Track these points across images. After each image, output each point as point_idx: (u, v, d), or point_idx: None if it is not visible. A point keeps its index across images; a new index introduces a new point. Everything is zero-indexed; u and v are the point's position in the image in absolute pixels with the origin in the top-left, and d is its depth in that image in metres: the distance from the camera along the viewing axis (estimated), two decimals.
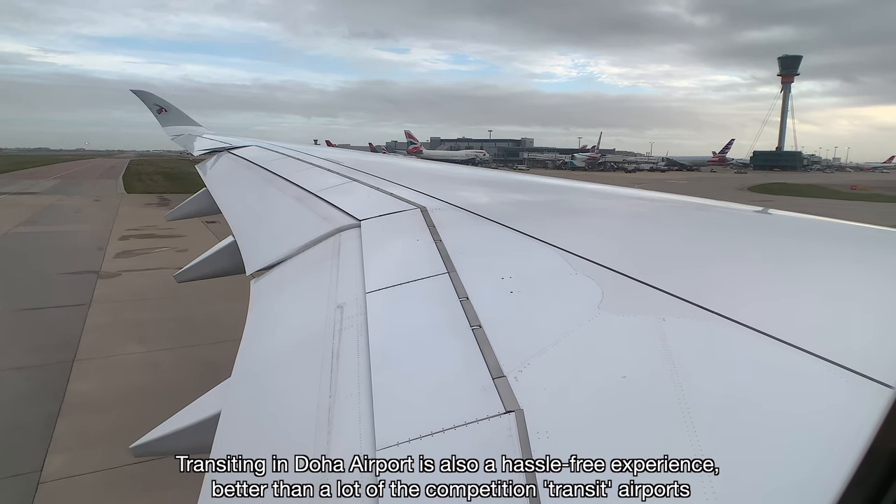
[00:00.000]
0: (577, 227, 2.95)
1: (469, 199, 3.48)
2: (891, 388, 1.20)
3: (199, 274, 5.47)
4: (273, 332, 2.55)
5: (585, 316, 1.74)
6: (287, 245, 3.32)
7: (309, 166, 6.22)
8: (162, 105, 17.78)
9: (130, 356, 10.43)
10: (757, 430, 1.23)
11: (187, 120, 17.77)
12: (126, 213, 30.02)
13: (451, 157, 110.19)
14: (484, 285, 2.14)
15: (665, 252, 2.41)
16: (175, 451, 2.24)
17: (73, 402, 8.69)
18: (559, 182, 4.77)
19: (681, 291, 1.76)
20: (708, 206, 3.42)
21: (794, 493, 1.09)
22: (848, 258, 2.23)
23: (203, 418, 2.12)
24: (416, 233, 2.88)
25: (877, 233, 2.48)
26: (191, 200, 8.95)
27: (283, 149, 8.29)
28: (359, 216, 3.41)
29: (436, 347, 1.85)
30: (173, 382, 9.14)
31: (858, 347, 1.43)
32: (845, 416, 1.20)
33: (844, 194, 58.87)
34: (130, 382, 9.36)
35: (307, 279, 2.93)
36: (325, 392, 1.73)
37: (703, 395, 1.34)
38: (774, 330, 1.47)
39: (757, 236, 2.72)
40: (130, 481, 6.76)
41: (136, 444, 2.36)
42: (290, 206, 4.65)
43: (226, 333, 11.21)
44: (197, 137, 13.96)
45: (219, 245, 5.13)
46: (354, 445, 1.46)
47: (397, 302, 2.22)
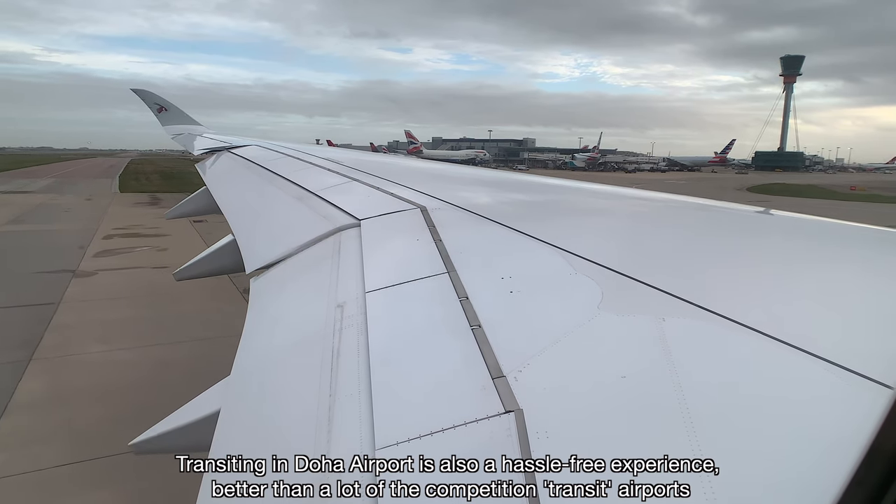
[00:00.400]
0: (578, 227, 2.95)
1: (469, 199, 3.48)
2: (891, 389, 1.20)
3: (198, 272, 5.46)
4: (272, 331, 2.55)
5: (585, 316, 1.74)
6: (286, 244, 3.31)
7: (309, 166, 6.22)
8: (162, 104, 17.77)
9: (88, 356, 10.32)
10: (757, 430, 1.23)
11: (187, 119, 17.76)
12: (115, 213, 29.89)
13: (450, 156, 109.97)
14: (484, 285, 2.14)
15: (665, 252, 2.41)
16: (174, 449, 2.24)
17: (20, 402, 8.58)
18: (559, 182, 4.78)
19: (681, 291, 1.76)
20: (708, 206, 3.43)
21: (794, 492, 1.09)
22: (847, 258, 2.23)
23: (203, 416, 2.12)
24: (416, 232, 2.88)
25: (876, 233, 2.48)
26: (190, 199, 8.96)
27: (283, 148, 8.29)
28: (359, 216, 3.41)
29: (435, 347, 1.85)
30: (124, 383, 9.06)
31: (858, 348, 1.43)
32: (845, 416, 1.20)
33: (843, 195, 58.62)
34: (82, 382, 9.25)
35: (307, 278, 2.93)
36: (325, 391, 1.73)
37: (702, 395, 1.34)
38: (774, 330, 1.47)
39: (756, 236, 2.72)
40: (64, 482, 6.69)
41: (134, 442, 2.35)
42: (289, 205, 4.65)
43: (189, 333, 11.23)
44: (197, 137, 13.96)
45: (218, 243, 5.12)
46: (354, 445, 1.46)
47: (397, 301, 2.22)
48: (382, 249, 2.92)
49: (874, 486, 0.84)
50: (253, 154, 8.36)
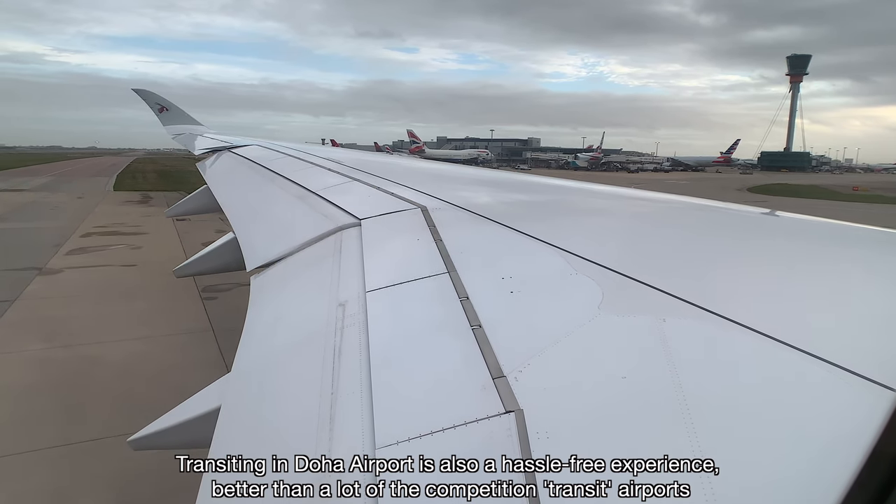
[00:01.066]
0: (578, 228, 2.95)
1: (469, 199, 3.48)
2: (894, 391, 1.19)
3: (198, 270, 5.49)
4: (272, 330, 2.55)
5: (586, 316, 1.73)
6: (287, 243, 3.32)
7: (309, 165, 6.23)
8: (163, 104, 17.80)
9: (24, 353, 10.23)
10: (758, 431, 1.23)
11: (188, 119, 17.79)
12: (102, 211, 29.64)
13: (453, 156, 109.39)
14: (484, 285, 2.14)
15: (665, 252, 2.40)
16: (173, 445, 2.24)
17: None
18: (560, 182, 4.78)
19: (681, 292, 1.76)
20: (708, 206, 3.42)
21: (795, 494, 1.08)
22: (849, 259, 2.22)
23: (202, 413, 2.12)
24: (416, 232, 2.88)
25: (878, 234, 2.47)
26: (191, 198, 9.00)
27: (284, 148, 8.31)
28: (359, 215, 3.42)
29: (436, 347, 1.84)
30: (43, 381, 8.95)
31: (860, 350, 1.42)
32: (847, 419, 1.19)
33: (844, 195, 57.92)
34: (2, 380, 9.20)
35: (307, 277, 2.93)
36: (326, 390, 1.73)
37: (703, 396, 1.33)
38: (775, 331, 1.47)
39: (757, 237, 2.72)
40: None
41: (133, 438, 2.35)
42: (290, 204, 4.66)
43: (133, 332, 11.21)
44: (198, 136, 14.00)
45: (218, 241, 5.13)
46: (354, 444, 1.45)
47: (398, 301, 2.21)
48: (383, 249, 2.92)
49: (877, 489, 0.83)
50: (254, 154, 8.39)
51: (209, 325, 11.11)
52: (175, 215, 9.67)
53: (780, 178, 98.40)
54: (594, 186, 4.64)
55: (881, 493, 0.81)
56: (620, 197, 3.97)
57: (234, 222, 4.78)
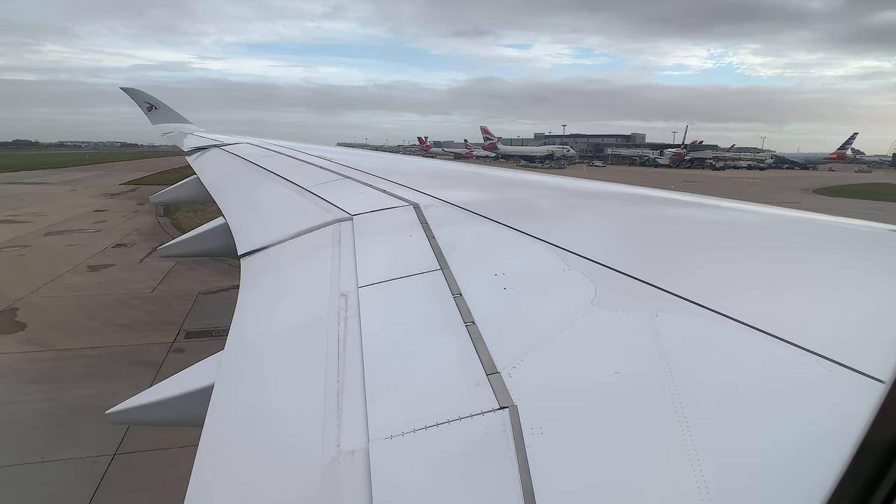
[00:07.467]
0: (571, 225, 2.95)
1: (463, 197, 3.48)
2: (882, 383, 1.21)
3: (183, 251, 5.35)
4: (269, 314, 2.50)
5: (579, 312, 1.74)
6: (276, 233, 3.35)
7: (301, 163, 6.22)
8: (152, 102, 17.64)
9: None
10: (750, 423, 1.24)
11: (178, 118, 17.65)
12: (69, 203, 31.39)
13: (529, 152, 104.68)
14: (477, 282, 2.13)
15: (658, 248, 2.41)
16: (154, 422, 2.20)
17: None
18: (554, 180, 4.79)
19: (673, 287, 1.77)
20: (701, 203, 3.44)
21: (787, 485, 1.09)
22: (838, 255, 2.24)
23: (192, 390, 2.05)
24: (408, 229, 2.87)
25: (867, 230, 2.50)
26: (177, 186, 8.91)
27: (275, 146, 8.28)
28: (351, 211, 3.41)
29: (429, 343, 1.84)
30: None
31: (849, 343, 1.43)
32: (838, 411, 1.21)
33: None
34: None
35: (298, 265, 2.92)
36: (320, 387, 1.72)
37: (695, 389, 1.34)
38: (766, 325, 1.48)
39: (748, 233, 2.73)
40: None
41: (112, 411, 2.23)
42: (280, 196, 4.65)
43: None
44: (188, 135, 13.91)
45: (206, 226, 5.00)
46: (347, 438, 1.45)
47: (390, 298, 2.20)
48: (375, 245, 2.91)
49: (867, 479, 0.84)
50: (244, 151, 8.37)
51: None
52: (159, 202, 9.69)
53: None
54: (589, 184, 4.65)
55: (871, 482, 0.82)
56: (612, 194, 3.99)
57: (224, 209, 4.75)
